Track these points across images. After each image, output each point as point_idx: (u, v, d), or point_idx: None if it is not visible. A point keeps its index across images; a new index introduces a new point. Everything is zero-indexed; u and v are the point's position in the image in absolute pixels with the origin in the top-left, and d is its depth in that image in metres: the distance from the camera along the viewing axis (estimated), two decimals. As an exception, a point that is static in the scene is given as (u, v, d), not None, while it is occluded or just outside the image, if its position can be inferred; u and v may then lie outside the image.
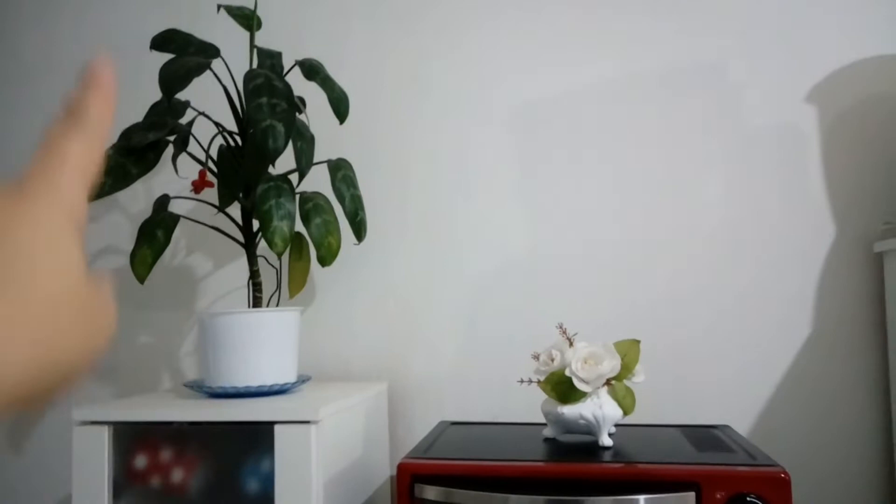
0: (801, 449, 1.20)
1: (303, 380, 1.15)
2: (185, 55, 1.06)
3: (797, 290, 1.23)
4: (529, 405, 1.26)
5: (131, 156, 1.01)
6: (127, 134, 1.04)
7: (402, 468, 0.89)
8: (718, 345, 1.24)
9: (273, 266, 1.28)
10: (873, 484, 1.19)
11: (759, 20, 1.28)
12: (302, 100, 1.18)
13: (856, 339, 1.21)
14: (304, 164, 1.06)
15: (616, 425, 1.00)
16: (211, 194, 1.20)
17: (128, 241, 1.47)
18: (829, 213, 1.23)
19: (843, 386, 1.21)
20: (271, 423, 0.96)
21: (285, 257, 1.23)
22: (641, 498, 0.82)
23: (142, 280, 1.07)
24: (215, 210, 1.20)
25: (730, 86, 1.28)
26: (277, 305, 1.27)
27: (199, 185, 1.04)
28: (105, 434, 1.00)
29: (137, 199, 1.47)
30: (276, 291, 1.26)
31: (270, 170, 1.08)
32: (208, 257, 1.44)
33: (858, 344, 1.21)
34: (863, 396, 1.20)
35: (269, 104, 0.99)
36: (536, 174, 1.33)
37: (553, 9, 1.34)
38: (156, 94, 1.48)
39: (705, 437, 1.03)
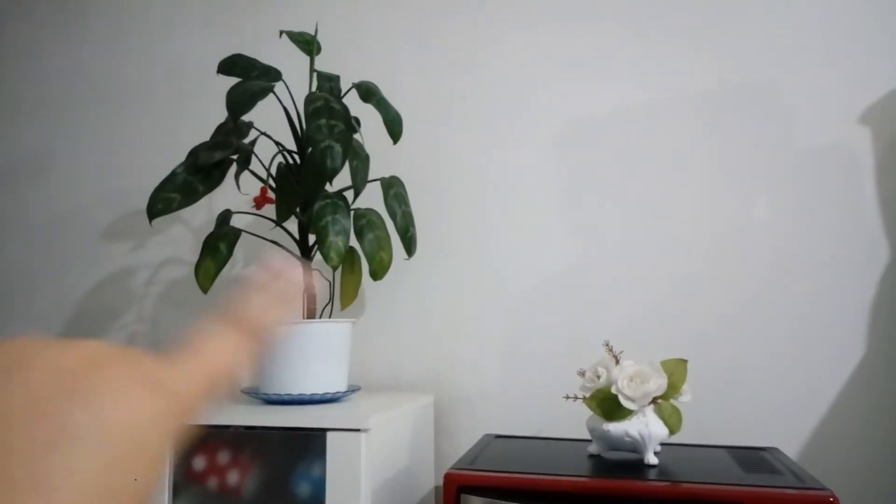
0: (851, 474, 1.18)
1: (353, 389, 1.19)
2: (248, 78, 1.12)
3: (850, 313, 1.21)
4: (573, 421, 1.27)
5: (199, 174, 1.07)
6: (194, 153, 1.10)
7: (448, 478, 0.91)
8: (768, 366, 1.23)
9: (326, 279, 1.33)
10: (929, 514, 1.16)
11: (810, 40, 1.27)
12: (357, 120, 1.23)
13: (911, 364, 1.18)
14: (359, 182, 1.11)
15: (661, 444, 1.01)
16: (269, 209, 1.26)
17: (189, 253, 1.54)
18: (883, 234, 1.22)
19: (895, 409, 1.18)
20: (324, 430, 1.00)
21: (338, 271, 1.28)
22: (685, 517, 0.83)
23: (205, 290, 1.13)
24: (273, 224, 1.26)
25: (780, 107, 1.28)
26: (330, 317, 1.31)
27: (260, 202, 1.10)
28: (168, 436, 1.06)
29: (199, 213, 1.55)
30: (328, 303, 1.31)
31: (327, 187, 1.13)
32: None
33: (914, 369, 1.18)
34: (918, 423, 1.17)
35: (327, 125, 1.04)
36: (582, 192, 1.35)
37: (602, 29, 1.37)
38: (220, 115, 1.55)
39: (752, 458, 1.03)
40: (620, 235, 1.32)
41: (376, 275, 1.15)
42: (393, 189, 1.21)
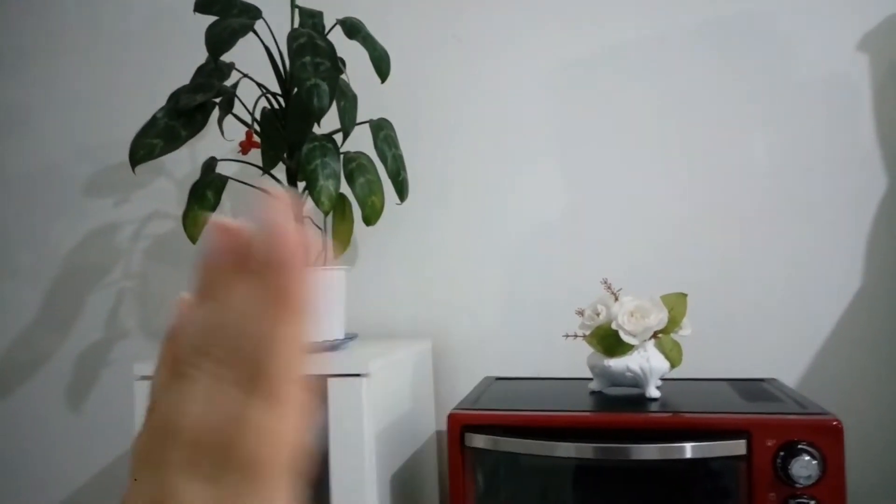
0: (850, 402, 1.19)
1: (350, 337, 1.18)
2: (228, 17, 1.07)
3: (847, 243, 1.21)
4: (573, 361, 1.26)
5: (180, 118, 1.02)
6: (175, 96, 1.06)
7: (453, 418, 0.91)
8: (766, 299, 1.23)
9: (318, 226, 1.30)
10: (923, 437, 1.18)
11: (809, -35, 1.23)
12: (342, 60, 1.18)
13: (908, 291, 1.19)
14: (347, 123, 1.07)
15: (662, 378, 1.01)
16: (254, 156, 1.22)
17: (174, 206, 1.50)
18: (881, 164, 1.20)
19: (894, 338, 1.19)
20: (324, 377, 0.98)
21: (329, 218, 1.25)
22: (688, 445, 0.83)
23: (194, 240, 1.10)
24: (260, 172, 1.22)
25: (778, 35, 1.24)
26: (323, 265, 1.29)
27: (246, 147, 1.06)
28: (164, 388, 1.04)
29: (182, 164, 1.50)
30: (321, 251, 1.28)
31: (315, 129, 1.09)
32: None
33: (910, 297, 1.18)
34: (914, 350, 1.18)
35: (312, 63, 0.99)
36: (577, 134, 1.32)
37: (594, -40, 1.31)
38: (199, 57, 1.49)
39: (753, 389, 1.03)
40: (617, 175, 1.30)
41: (369, 220, 1.13)
42: (382, 131, 1.17)
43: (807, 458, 0.78)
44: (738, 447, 0.81)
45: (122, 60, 1.54)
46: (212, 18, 1.13)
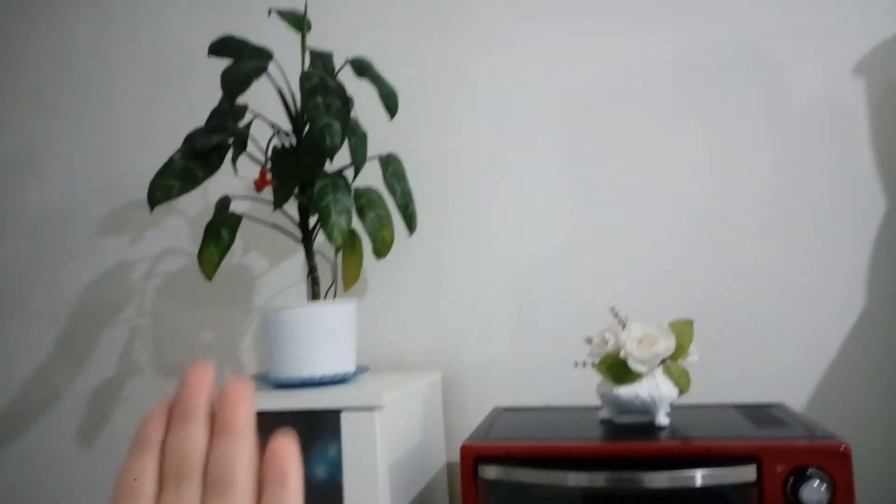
0: (857, 424, 1.20)
1: (362, 369, 1.19)
2: (240, 59, 1.11)
3: (849, 266, 1.23)
4: (582, 389, 1.28)
5: (197, 159, 1.06)
6: (191, 138, 1.09)
7: (465, 450, 0.92)
8: (771, 323, 1.24)
9: (328, 260, 1.33)
10: (934, 461, 1.18)
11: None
12: (351, 98, 1.22)
13: (912, 315, 1.20)
14: (359, 159, 1.10)
15: (671, 405, 1.02)
16: (266, 193, 1.25)
17: (187, 244, 1.53)
18: (880, 187, 1.23)
19: (900, 362, 1.20)
20: (338, 411, 1.00)
21: (339, 252, 1.28)
22: (698, 472, 0.84)
23: (209, 277, 1.12)
24: (272, 208, 1.25)
25: (777, 60, 1.27)
26: (334, 298, 1.31)
27: (260, 184, 1.09)
28: (181, 423, 1.05)
29: (194, 202, 1.53)
30: (332, 285, 1.30)
31: (326, 167, 1.12)
32: (263, 255, 1.49)
33: (914, 320, 1.20)
34: (921, 373, 1.19)
35: (324, 103, 1.03)
36: (581, 160, 1.35)
37: (593, -2, 1.36)
38: (209, 99, 1.54)
39: (761, 414, 1.04)
40: (621, 202, 1.33)
41: (380, 253, 1.15)
42: (391, 166, 1.20)
43: (816, 482, 0.79)
44: (748, 473, 0.82)
45: (133, 100, 1.59)
46: (225, 61, 1.17)
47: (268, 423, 1.16)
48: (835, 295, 1.23)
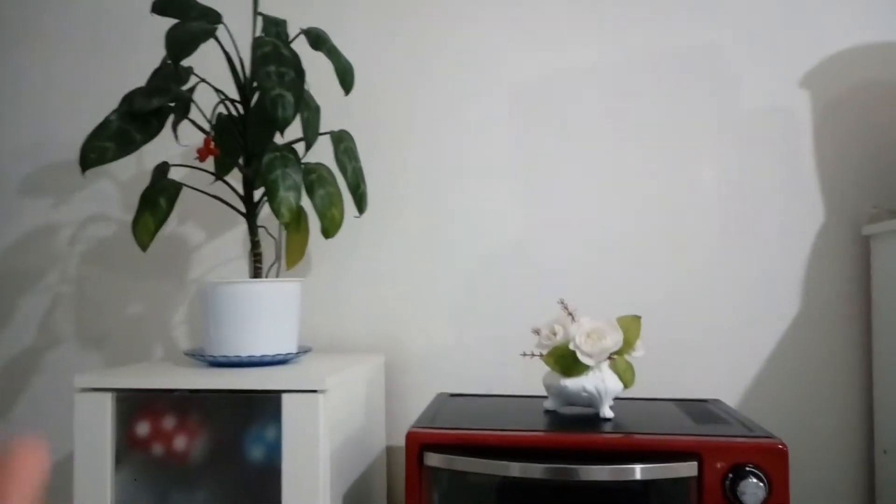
0: (788, 422, 1.25)
1: (304, 350, 1.16)
2: (187, 20, 1.04)
3: (787, 271, 1.27)
4: (525, 379, 1.28)
5: (135, 122, 0.99)
6: (129, 98, 1.02)
7: (411, 437, 0.90)
8: (710, 322, 1.28)
9: (272, 236, 1.28)
10: (855, 453, 1.24)
11: (756, 4, 1.29)
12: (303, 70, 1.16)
13: (842, 317, 1.25)
14: (310, 134, 1.06)
15: (614, 398, 1.03)
16: (207, 163, 1.19)
17: (117, 209, 1.45)
18: (819, 196, 1.27)
19: (829, 362, 1.25)
20: (279, 392, 0.96)
21: (283, 228, 1.23)
22: (638, 467, 0.85)
23: (144, 248, 1.06)
24: (212, 179, 1.19)
25: (726, 68, 1.30)
26: (277, 276, 1.26)
27: (204, 153, 1.03)
28: (108, 401, 1.00)
29: (126, 167, 1.44)
30: (275, 262, 1.26)
31: (276, 139, 1.07)
32: (201, 226, 1.42)
33: (844, 322, 1.25)
34: (847, 372, 1.25)
35: (277, 72, 0.98)
36: (534, 155, 1.34)
37: (556, -15, 1.34)
38: (146, 57, 1.45)
39: (700, 410, 1.06)
40: (573, 197, 1.33)
41: (328, 232, 1.11)
42: (343, 143, 1.16)
43: (754, 480, 0.81)
44: (689, 469, 0.84)
45: (65, 55, 1.48)
46: (168, 20, 1.10)
47: (204, 403, 1.11)
48: (772, 298, 1.27)
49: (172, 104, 1.06)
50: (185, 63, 1.08)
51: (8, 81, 1.49)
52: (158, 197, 1.06)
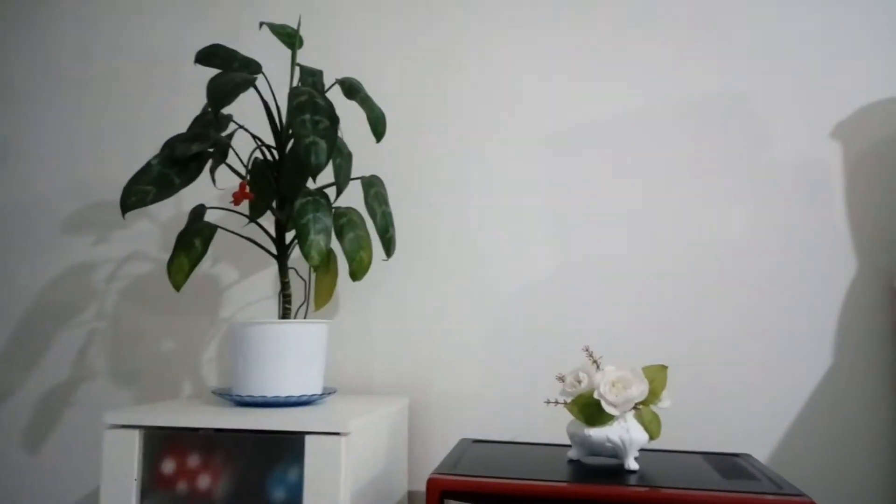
0: (820, 478, 1.21)
1: (329, 392, 1.17)
2: (229, 70, 1.09)
3: (819, 323, 1.25)
4: (550, 426, 1.27)
5: (175, 166, 1.03)
6: (171, 144, 1.06)
7: (432, 483, 0.90)
8: (741, 374, 1.26)
9: (302, 278, 1.31)
10: (889, 518, 1.20)
11: (790, 54, 1.30)
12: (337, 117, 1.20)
13: (875, 371, 1.22)
14: (342, 180, 1.08)
15: (639, 450, 1.01)
16: (241, 205, 1.22)
17: (155, 249, 1.49)
18: (851, 247, 1.25)
19: (862, 417, 1.22)
20: (302, 434, 0.97)
21: (313, 270, 1.25)
22: (666, 522, 0.83)
23: (178, 287, 1.09)
24: (245, 221, 1.22)
25: (757, 118, 1.30)
26: (305, 317, 1.28)
27: (239, 197, 1.07)
28: (136, 438, 1.02)
29: (166, 208, 1.50)
30: (303, 303, 1.28)
31: (308, 184, 1.10)
32: (233, 267, 1.46)
33: (877, 376, 1.22)
34: (880, 426, 1.21)
35: (312, 121, 1.01)
36: (563, 199, 1.35)
37: (583, 37, 1.37)
38: (192, 106, 1.51)
39: (728, 464, 1.04)
40: (602, 243, 1.33)
41: (356, 275, 1.13)
42: (373, 188, 1.19)
43: (783, 539, 0.79)
44: (715, 525, 0.82)
45: (111, 100, 1.55)
46: (211, 70, 1.15)
47: (229, 442, 1.13)
48: (804, 351, 1.24)
49: (211, 149, 1.10)
50: (224, 111, 1.13)
51: (57, 120, 1.57)
52: (194, 239, 1.09)
